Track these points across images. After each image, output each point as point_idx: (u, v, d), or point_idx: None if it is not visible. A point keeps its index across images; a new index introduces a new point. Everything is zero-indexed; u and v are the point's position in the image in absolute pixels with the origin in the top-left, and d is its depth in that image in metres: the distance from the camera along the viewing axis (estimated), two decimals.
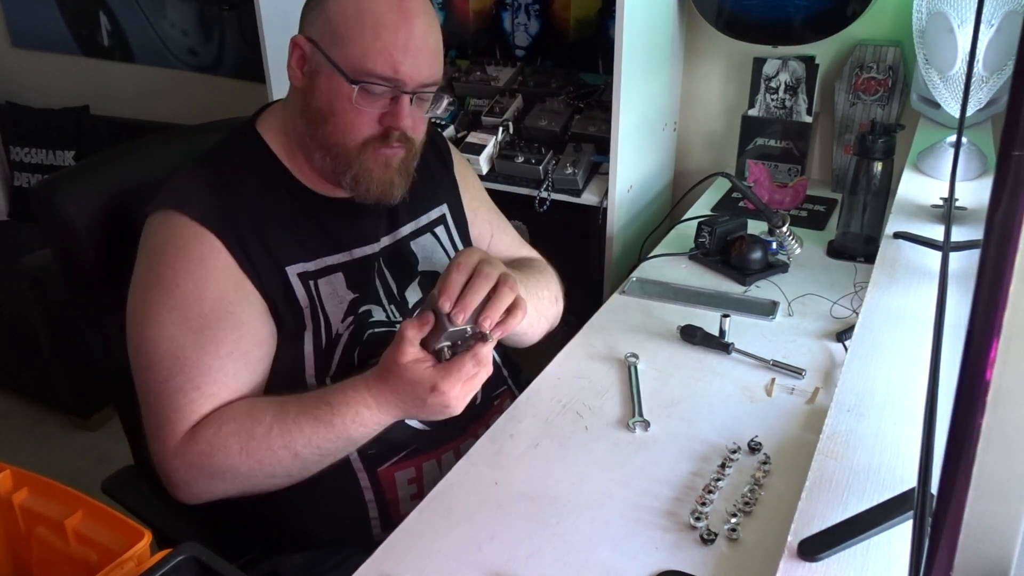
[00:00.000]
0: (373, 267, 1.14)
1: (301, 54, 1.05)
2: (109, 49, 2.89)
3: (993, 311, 0.43)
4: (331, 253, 1.10)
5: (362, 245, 1.14)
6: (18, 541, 0.87)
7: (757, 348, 1.27)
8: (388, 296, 1.15)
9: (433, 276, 1.20)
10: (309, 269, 1.08)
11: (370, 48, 1.00)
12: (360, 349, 1.11)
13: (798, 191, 1.74)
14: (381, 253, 1.16)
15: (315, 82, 1.04)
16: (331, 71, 1.02)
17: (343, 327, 1.10)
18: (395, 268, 1.17)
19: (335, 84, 1.02)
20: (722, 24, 1.76)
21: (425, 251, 1.21)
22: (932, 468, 0.49)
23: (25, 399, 2.58)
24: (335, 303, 1.09)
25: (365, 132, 1.05)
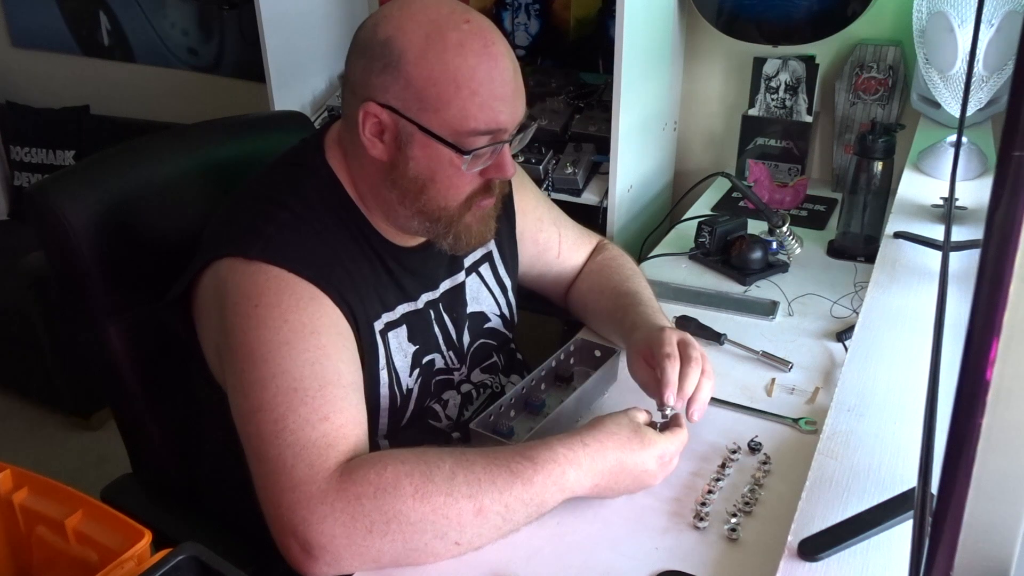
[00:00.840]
0: (431, 314, 1.11)
1: (378, 123, 0.96)
2: (109, 49, 2.89)
3: (993, 311, 0.43)
4: (401, 303, 1.06)
5: (424, 292, 1.10)
6: (18, 541, 0.87)
7: (757, 348, 1.27)
8: (447, 342, 1.13)
9: (479, 317, 1.19)
10: (384, 323, 1.04)
11: (469, 106, 0.93)
12: (428, 400, 1.11)
13: (798, 191, 1.74)
14: (440, 299, 1.13)
15: (407, 152, 0.96)
16: (427, 139, 0.94)
17: (412, 381, 1.08)
18: (452, 313, 1.14)
19: (434, 152, 0.95)
20: (722, 24, 1.76)
21: (472, 292, 1.18)
22: (932, 468, 0.49)
23: (25, 399, 2.59)
24: (400, 357, 1.06)
25: (469, 190, 1.00)
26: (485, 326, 1.20)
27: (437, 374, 1.12)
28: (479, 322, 1.19)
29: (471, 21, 0.95)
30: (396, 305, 1.06)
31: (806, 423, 1.09)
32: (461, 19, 0.94)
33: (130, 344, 1.16)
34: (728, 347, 1.27)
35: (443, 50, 0.92)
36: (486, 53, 0.94)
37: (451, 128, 0.94)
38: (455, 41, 0.93)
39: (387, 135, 0.97)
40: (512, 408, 1.07)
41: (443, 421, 1.14)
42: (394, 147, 0.97)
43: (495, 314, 1.21)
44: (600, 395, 1.14)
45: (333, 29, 2.17)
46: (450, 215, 1.00)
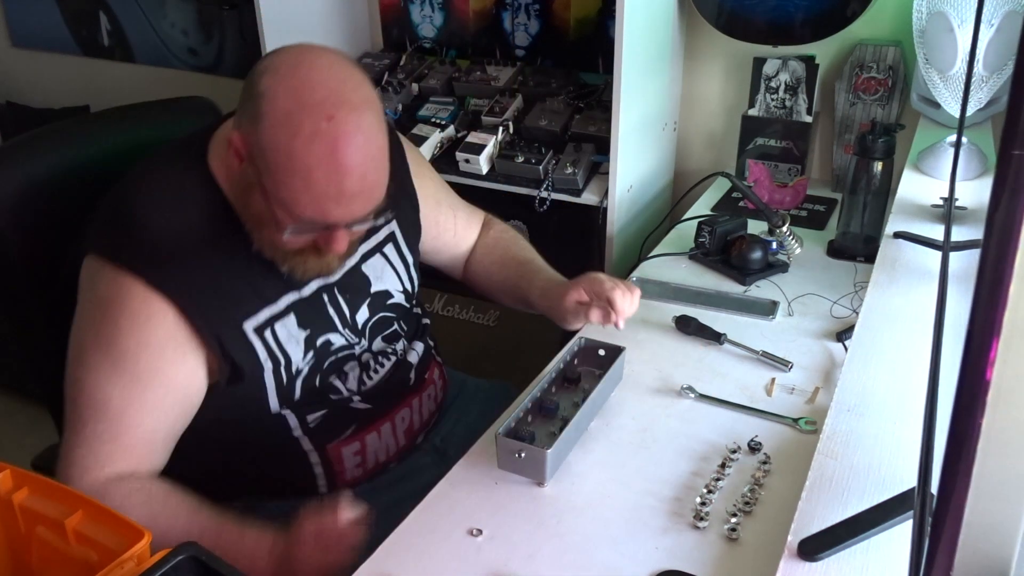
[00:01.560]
0: (323, 299, 1.14)
1: (238, 153, 1.00)
2: (109, 49, 2.88)
3: (993, 311, 0.43)
4: (285, 293, 1.10)
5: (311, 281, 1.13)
6: (18, 541, 0.87)
7: (757, 348, 1.27)
8: (342, 321, 1.16)
9: (383, 295, 1.22)
10: (263, 319, 1.07)
11: (300, 197, 0.96)
12: (321, 376, 1.14)
13: (798, 191, 1.74)
14: (336, 283, 1.16)
15: (249, 192, 1.00)
16: (263, 195, 0.98)
17: (303, 363, 1.11)
18: (348, 292, 1.17)
19: (267, 209, 0.99)
20: (722, 24, 1.76)
21: (376, 271, 1.21)
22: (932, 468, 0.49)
23: (25, 399, 2.58)
24: (292, 344, 1.10)
25: (297, 246, 1.03)
26: (388, 302, 1.23)
27: (336, 352, 1.15)
28: (382, 299, 1.22)
29: (333, 119, 0.94)
30: (279, 297, 1.09)
31: (806, 423, 1.09)
32: (324, 114, 0.94)
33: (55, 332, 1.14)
34: (728, 347, 1.28)
35: (293, 136, 0.94)
36: (331, 157, 0.94)
37: (282, 200, 0.97)
38: (308, 134, 0.93)
39: (242, 166, 1.00)
40: (529, 414, 1.07)
41: (344, 392, 1.16)
42: (243, 180, 1.01)
43: (398, 290, 1.25)
44: (610, 393, 1.15)
45: (333, 29, 2.17)
46: (282, 255, 1.04)
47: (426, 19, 2.20)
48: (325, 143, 0.94)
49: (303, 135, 0.93)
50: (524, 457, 0.98)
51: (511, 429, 1.02)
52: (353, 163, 0.96)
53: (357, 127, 0.96)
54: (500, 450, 1.00)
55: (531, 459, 0.98)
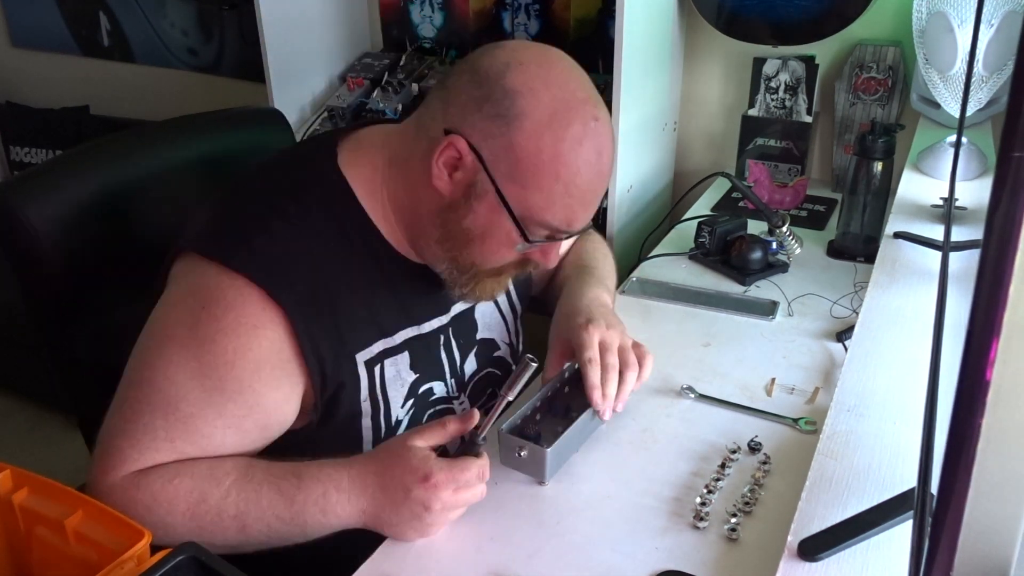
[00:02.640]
0: (439, 340, 1.06)
1: (457, 158, 0.90)
2: (109, 49, 2.88)
3: (993, 311, 0.43)
4: (403, 327, 1.01)
5: (432, 317, 1.05)
6: (18, 541, 0.87)
7: (757, 348, 1.27)
8: (451, 370, 1.09)
9: (489, 344, 1.15)
10: (376, 351, 0.99)
11: (556, 202, 0.89)
12: None
13: (798, 191, 1.74)
14: (450, 323, 1.08)
15: (471, 203, 0.91)
16: (497, 204, 0.90)
17: (403, 412, 1.04)
18: (460, 339, 1.09)
19: (498, 219, 0.91)
20: (722, 24, 1.76)
21: (484, 318, 1.14)
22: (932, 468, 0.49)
23: (25, 399, 2.58)
24: (397, 387, 1.02)
25: (509, 261, 0.97)
26: (495, 354, 1.16)
27: (435, 404, 1.08)
28: (489, 350, 1.15)
29: (599, 120, 0.91)
30: (397, 331, 1.01)
31: (806, 423, 1.09)
32: (591, 114, 0.90)
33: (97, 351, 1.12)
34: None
35: (562, 137, 0.88)
36: (598, 161, 0.91)
37: (527, 210, 0.90)
38: (577, 133, 0.88)
39: (460, 174, 0.91)
40: (538, 412, 1.07)
41: None
42: (461, 190, 0.92)
43: (504, 342, 1.18)
44: None
45: (333, 29, 2.17)
46: (477, 272, 0.97)
47: (426, 19, 2.20)
48: (593, 146, 0.90)
49: (573, 136, 0.88)
50: (525, 455, 0.98)
51: (516, 426, 1.01)
52: (609, 167, 0.93)
53: (611, 131, 0.93)
54: (502, 446, 0.99)
55: (532, 457, 0.98)
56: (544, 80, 0.89)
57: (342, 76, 2.20)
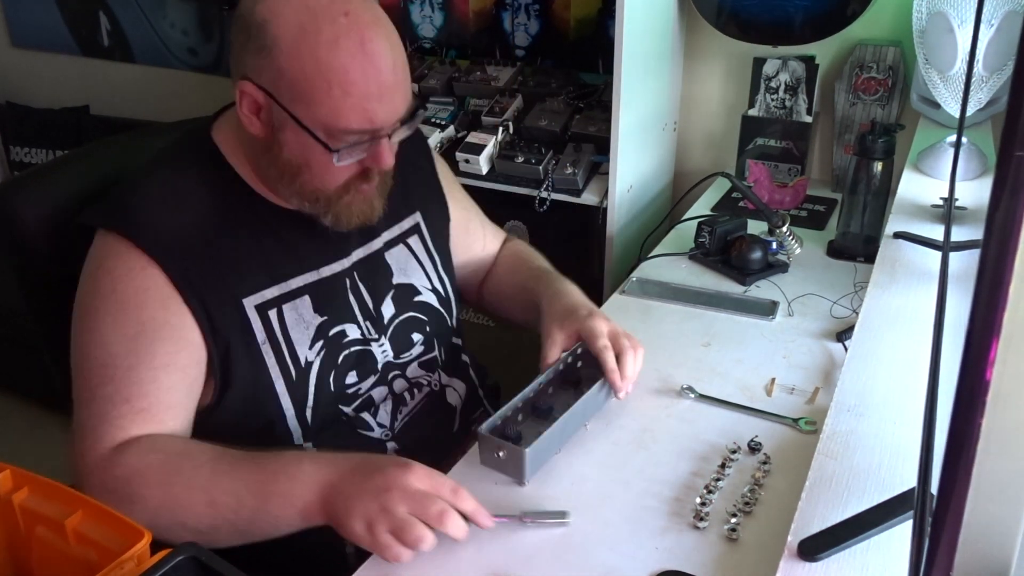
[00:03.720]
0: (345, 284, 1.09)
1: (254, 102, 0.95)
2: (109, 49, 2.88)
3: (993, 311, 0.43)
4: (297, 274, 1.05)
5: (331, 262, 1.08)
6: (18, 541, 0.87)
7: (757, 348, 1.27)
8: (364, 312, 1.11)
9: (407, 288, 1.17)
10: (269, 297, 1.02)
11: (341, 107, 0.91)
12: (335, 372, 1.07)
13: (798, 191, 1.74)
14: (354, 267, 1.11)
15: (281, 136, 0.96)
16: (298, 128, 0.94)
17: (312, 354, 1.05)
18: (369, 282, 1.12)
19: (306, 141, 0.94)
20: (722, 24, 1.76)
21: (399, 262, 1.16)
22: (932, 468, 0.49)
23: (25, 399, 2.58)
24: (300, 330, 1.04)
25: (345, 177, 0.99)
26: (415, 299, 1.18)
27: (349, 345, 1.08)
28: (407, 294, 1.16)
29: (350, 14, 0.91)
30: (293, 276, 1.04)
31: (806, 423, 1.09)
32: (339, 11, 0.91)
33: None
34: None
35: (316, 45, 0.90)
36: (361, 51, 0.91)
37: (322, 124, 0.93)
38: (330, 36, 0.90)
39: (263, 114, 0.96)
40: (520, 412, 1.07)
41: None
42: (268, 128, 0.97)
43: (426, 287, 1.19)
44: (608, 397, 1.14)
45: None
46: (327, 196, 1.00)
47: (426, 19, 2.20)
48: (351, 39, 0.90)
49: (325, 41, 0.90)
50: (504, 456, 0.97)
51: (496, 427, 1.01)
52: (383, 53, 0.92)
53: (375, 17, 0.93)
54: (481, 447, 0.99)
55: (511, 458, 0.97)
56: (286, 1, 0.92)
57: None
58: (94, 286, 0.97)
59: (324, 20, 0.90)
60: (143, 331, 0.94)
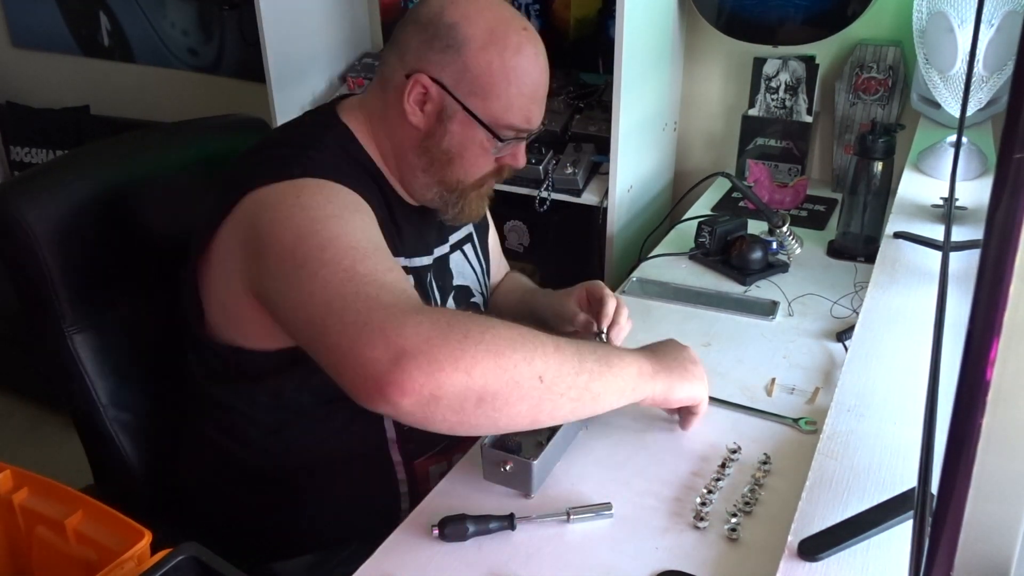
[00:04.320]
0: (426, 278, 1.15)
1: (424, 94, 1.05)
2: (109, 49, 2.88)
3: (993, 311, 0.43)
4: (401, 255, 1.09)
5: (421, 255, 1.15)
6: (18, 541, 0.87)
7: (757, 348, 1.27)
8: None
9: (465, 290, 1.25)
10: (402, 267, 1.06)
11: (513, 104, 1.04)
12: None
13: (798, 191, 1.74)
14: (432, 265, 1.17)
15: (445, 125, 1.06)
16: (467, 119, 1.05)
17: None
18: (440, 280, 1.19)
19: (470, 132, 1.05)
20: (722, 24, 1.76)
21: (459, 266, 1.24)
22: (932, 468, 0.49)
23: (25, 399, 2.59)
24: None
25: (486, 170, 1.10)
26: (471, 300, 1.26)
27: None
28: (465, 296, 1.24)
29: (528, 29, 1.07)
30: (399, 256, 1.08)
31: (806, 423, 1.09)
32: (520, 24, 1.06)
33: (97, 352, 1.13)
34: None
35: (504, 48, 1.03)
36: (536, 60, 1.06)
37: (492, 116, 1.05)
38: (515, 42, 1.04)
39: (429, 106, 1.05)
40: None
41: None
42: (434, 119, 1.06)
43: (477, 291, 1.28)
44: None
45: (333, 29, 2.17)
46: (464, 188, 1.10)
47: None
48: (531, 50, 1.05)
49: (512, 45, 1.03)
50: (510, 469, 0.96)
51: (497, 440, 0.99)
52: (547, 66, 1.08)
53: (539, 37, 1.08)
54: (485, 461, 0.98)
55: (517, 471, 0.96)
56: (476, 9, 1.04)
57: (342, 76, 2.20)
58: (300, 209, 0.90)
59: (511, 29, 1.04)
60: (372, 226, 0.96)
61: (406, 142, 1.08)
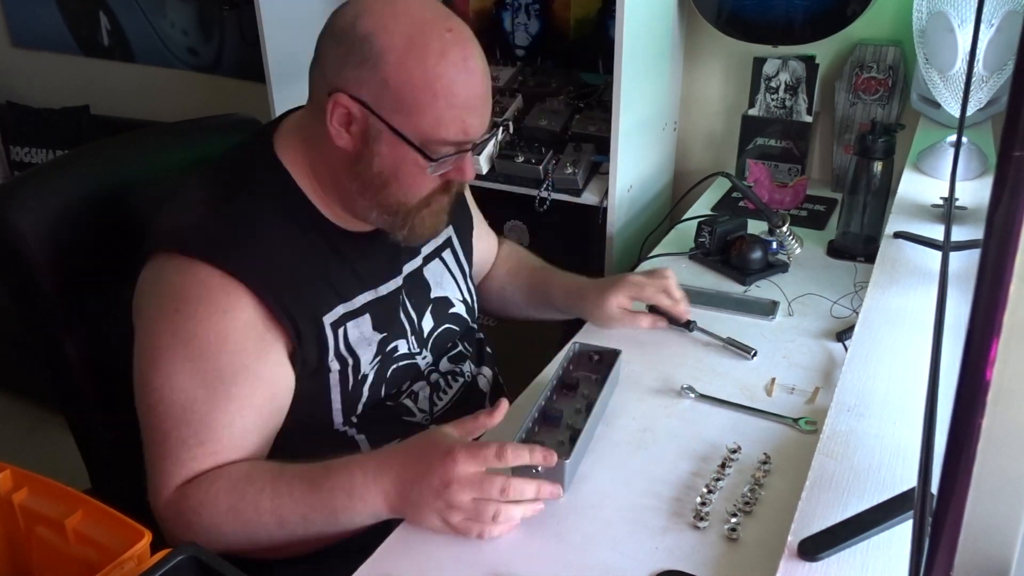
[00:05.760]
0: (398, 300, 1.12)
1: (347, 114, 0.96)
2: (109, 49, 2.88)
3: (993, 311, 0.43)
4: (359, 292, 1.07)
5: (387, 280, 1.11)
6: (18, 541, 0.87)
7: (757, 348, 1.27)
8: (411, 327, 1.14)
9: (443, 301, 1.20)
10: (339, 314, 1.04)
11: (444, 117, 0.95)
12: (386, 384, 1.10)
13: (798, 191, 1.74)
14: (404, 285, 1.13)
15: (373, 147, 0.97)
16: (394, 139, 0.96)
17: (369, 368, 1.08)
18: (414, 298, 1.15)
19: (401, 152, 0.97)
20: (722, 24, 1.76)
21: (435, 276, 1.20)
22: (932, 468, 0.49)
23: (25, 399, 2.58)
24: (364, 347, 1.06)
25: (429, 189, 1.02)
26: (449, 311, 1.22)
27: (399, 359, 1.12)
28: (443, 307, 1.20)
29: (453, 30, 0.95)
30: (356, 295, 1.06)
31: (806, 423, 1.09)
32: (444, 27, 0.95)
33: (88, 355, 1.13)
34: (697, 335, 1.30)
35: (424, 57, 0.93)
36: (464, 66, 0.95)
37: (421, 133, 0.96)
38: (437, 49, 0.93)
39: (355, 127, 0.97)
40: (536, 424, 1.06)
41: (417, 415, 1.14)
42: (360, 140, 0.98)
43: (458, 299, 1.23)
44: (610, 397, 1.14)
45: None
46: (408, 210, 1.02)
47: None
48: (457, 53, 0.94)
49: (433, 53, 0.93)
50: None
51: (522, 442, 0.98)
52: (481, 68, 0.97)
53: (471, 35, 0.98)
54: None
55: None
56: (392, 15, 0.94)
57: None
58: (170, 326, 0.95)
59: (431, 35, 0.94)
60: (221, 377, 0.94)
61: (338, 165, 1.01)
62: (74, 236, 1.11)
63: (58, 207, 1.11)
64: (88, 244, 1.13)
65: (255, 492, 0.93)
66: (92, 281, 1.14)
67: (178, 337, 0.94)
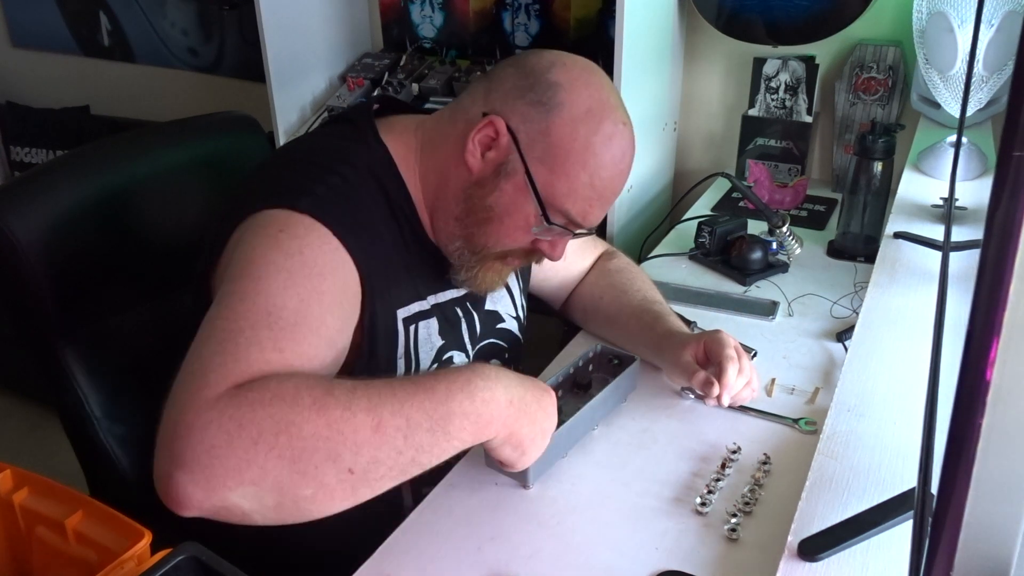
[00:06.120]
0: (459, 311, 1.11)
1: (492, 139, 0.96)
2: (109, 49, 2.88)
3: (993, 311, 0.43)
4: (431, 293, 1.06)
5: (449, 288, 1.09)
6: (18, 541, 0.87)
7: (757, 348, 1.27)
8: (472, 340, 1.13)
9: (493, 316, 1.18)
10: (413, 311, 1.03)
11: (578, 192, 0.96)
12: None
13: (798, 191, 1.74)
14: (467, 296, 1.12)
15: (499, 181, 0.96)
16: (524, 184, 0.96)
17: None
18: (476, 311, 1.14)
19: (521, 199, 0.96)
20: (722, 24, 1.76)
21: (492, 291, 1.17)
22: (932, 468, 0.49)
23: (25, 399, 2.59)
24: (427, 349, 1.05)
25: (517, 246, 1.01)
26: (498, 325, 1.19)
27: None
28: (492, 321, 1.18)
29: (627, 125, 0.99)
30: (427, 295, 1.05)
31: (806, 423, 1.09)
32: (621, 118, 0.98)
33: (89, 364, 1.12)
34: None
35: (594, 131, 0.95)
36: (620, 158, 0.98)
37: (550, 194, 0.96)
38: (607, 132, 0.96)
39: (492, 154, 0.97)
40: None
41: None
42: (491, 168, 0.97)
43: (510, 315, 1.21)
44: (619, 402, 1.13)
45: (333, 30, 2.17)
46: (486, 255, 1.01)
47: (426, 19, 2.20)
48: (619, 146, 0.97)
49: (603, 132, 0.95)
50: None
51: None
52: (626, 171, 1.00)
53: (634, 139, 1.00)
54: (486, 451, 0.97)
55: None
56: (585, 81, 0.97)
57: (342, 76, 2.20)
58: (275, 243, 0.87)
59: (608, 117, 0.96)
60: (320, 299, 0.85)
61: (452, 181, 0.99)
62: (70, 242, 1.09)
63: (52, 213, 1.08)
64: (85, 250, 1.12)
65: (347, 390, 0.77)
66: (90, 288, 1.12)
67: (279, 250, 0.86)
